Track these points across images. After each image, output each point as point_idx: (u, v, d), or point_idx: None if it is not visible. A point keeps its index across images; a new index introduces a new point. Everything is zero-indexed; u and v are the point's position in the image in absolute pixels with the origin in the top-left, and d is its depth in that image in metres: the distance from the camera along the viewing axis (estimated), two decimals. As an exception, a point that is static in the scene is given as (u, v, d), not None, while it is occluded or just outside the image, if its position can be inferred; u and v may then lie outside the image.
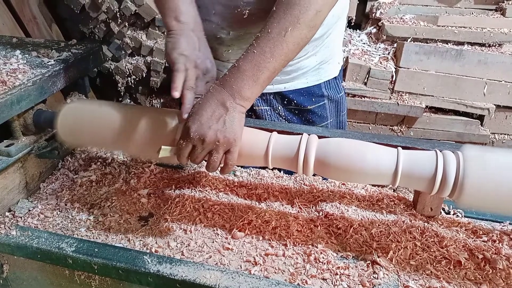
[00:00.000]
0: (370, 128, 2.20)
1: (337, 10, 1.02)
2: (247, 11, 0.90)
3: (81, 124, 0.87)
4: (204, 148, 0.75)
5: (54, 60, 1.02)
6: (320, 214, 0.90)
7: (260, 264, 0.77)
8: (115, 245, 0.81)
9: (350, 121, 2.19)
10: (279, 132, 0.82)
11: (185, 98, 0.79)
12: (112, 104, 0.88)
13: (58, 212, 0.92)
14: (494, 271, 0.77)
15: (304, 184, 1.02)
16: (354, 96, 2.08)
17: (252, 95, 0.75)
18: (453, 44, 2.04)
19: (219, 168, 0.79)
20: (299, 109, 1.12)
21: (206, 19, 0.95)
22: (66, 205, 0.94)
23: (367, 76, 2.05)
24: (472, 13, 2.15)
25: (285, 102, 1.11)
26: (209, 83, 0.87)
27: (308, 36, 0.77)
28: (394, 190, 1.00)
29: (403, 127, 2.14)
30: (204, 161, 0.79)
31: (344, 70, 2.09)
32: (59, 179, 1.03)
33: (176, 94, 0.78)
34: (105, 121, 0.84)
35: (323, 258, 0.78)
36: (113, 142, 0.85)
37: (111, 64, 2.34)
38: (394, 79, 2.05)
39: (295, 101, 1.10)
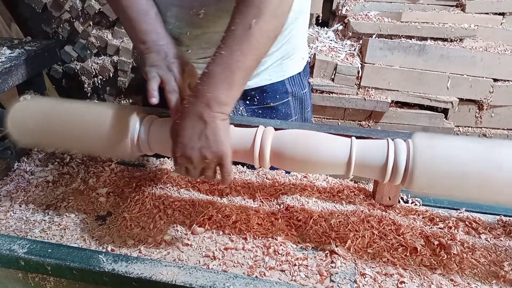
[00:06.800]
0: (339, 124, 2.22)
1: (297, 4, 1.01)
2: (202, 12, 0.88)
3: (32, 122, 0.84)
4: (196, 167, 0.73)
5: (5, 57, 0.99)
6: (281, 207, 0.90)
7: (219, 259, 0.77)
8: (70, 245, 0.79)
9: (320, 117, 2.20)
10: (236, 125, 0.81)
11: (170, 102, 0.78)
12: (64, 101, 0.85)
13: (12, 214, 0.89)
14: (448, 256, 0.78)
15: (266, 178, 1.02)
16: (322, 92, 2.10)
17: (229, 99, 0.71)
18: (416, 40, 2.08)
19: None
20: (262, 107, 1.10)
21: (163, 20, 0.94)
22: (20, 206, 0.91)
23: (334, 72, 2.07)
24: (434, 9, 2.20)
25: (247, 102, 1.09)
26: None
27: (278, 25, 0.74)
28: (355, 182, 1.01)
29: (371, 122, 2.17)
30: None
31: (312, 66, 2.10)
32: (14, 180, 1.00)
33: (154, 100, 0.76)
34: (56, 119, 0.82)
35: (282, 250, 0.78)
36: (64, 141, 0.83)
37: (76, 64, 2.28)
38: (360, 74, 2.08)
39: (257, 97, 1.08)
